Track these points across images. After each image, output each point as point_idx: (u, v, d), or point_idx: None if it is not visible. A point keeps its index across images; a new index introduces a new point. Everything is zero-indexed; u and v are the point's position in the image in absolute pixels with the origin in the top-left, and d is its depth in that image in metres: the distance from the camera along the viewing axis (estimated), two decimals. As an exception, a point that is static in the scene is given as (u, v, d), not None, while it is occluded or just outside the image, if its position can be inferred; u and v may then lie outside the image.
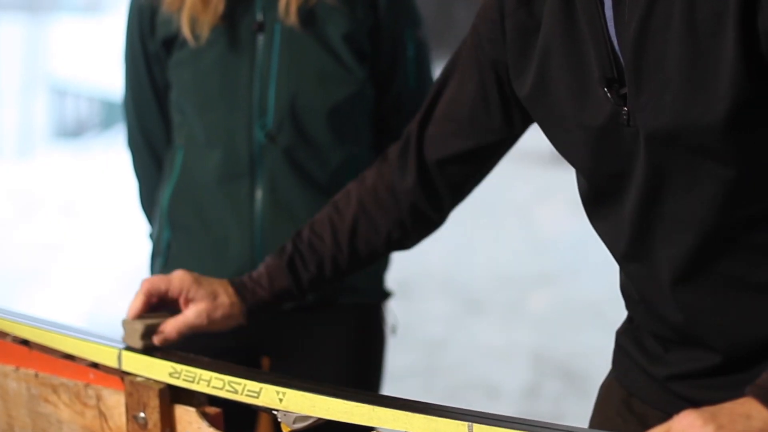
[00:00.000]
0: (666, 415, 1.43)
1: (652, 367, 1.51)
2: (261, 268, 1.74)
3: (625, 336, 1.59)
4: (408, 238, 1.75)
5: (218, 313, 1.69)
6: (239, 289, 1.72)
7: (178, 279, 1.68)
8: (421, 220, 1.72)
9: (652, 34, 1.32)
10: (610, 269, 1.61)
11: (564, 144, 1.48)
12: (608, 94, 1.38)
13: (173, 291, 1.68)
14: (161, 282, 1.68)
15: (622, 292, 1.57)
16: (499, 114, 1.60)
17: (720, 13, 1.27)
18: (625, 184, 1.42)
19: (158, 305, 1.70)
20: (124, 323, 1.66)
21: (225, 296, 1.70)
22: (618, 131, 1.39)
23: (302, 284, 1.73)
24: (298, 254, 1.73)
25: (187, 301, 1.68)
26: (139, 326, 1.63)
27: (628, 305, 1.57)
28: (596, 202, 1.49)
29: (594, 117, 1.40)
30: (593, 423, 1.61)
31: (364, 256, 1.74)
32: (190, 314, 1.67)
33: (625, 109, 1.37)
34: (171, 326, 1.66)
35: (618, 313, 1.62)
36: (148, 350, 1.62)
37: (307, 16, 2.12)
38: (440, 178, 1.68)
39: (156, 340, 1.64)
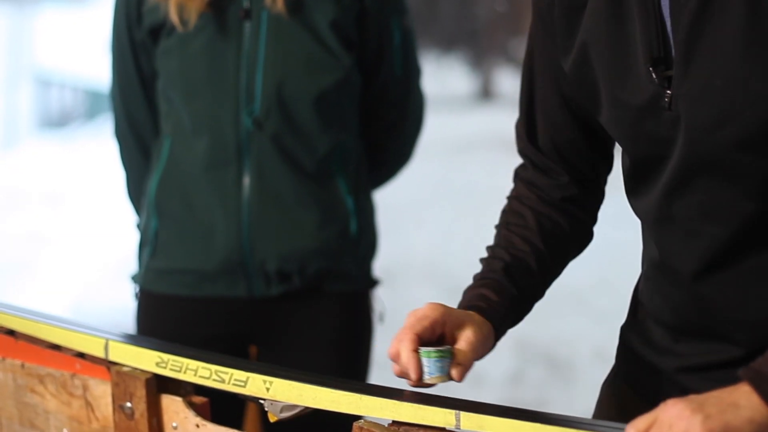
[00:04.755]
0: None
1: (661, 359, 1.47)
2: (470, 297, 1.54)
3: (629, 330, 1.55)
4: (586, 220, 1.61)
5: (485, 329, 1.47)
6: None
7: (432, 310, 1.44)
8: (583, 191, 1.60)
9: (710, 17, 1.28)
10: (593, 256, 1.58)
11: (605, 121, 1.45)
12: (653, 75, 1.34)
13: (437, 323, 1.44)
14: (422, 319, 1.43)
15: (642, 279, 1.52)
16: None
17: None
18: (663, 168, 1.38)
19: None
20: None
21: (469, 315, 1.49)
22: (658, 114, 1.35)
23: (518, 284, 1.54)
24: (499, 261, 1.56)
25: (453, 328, 1.45)
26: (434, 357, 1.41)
27: (644, 294, 1.52)
28: (635, 180, 1.45)
29: (634, 96, 1.37)
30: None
31: (559, 251, 1.58)
32: (470, 334, 1.44)
33: (669, 92, 1.33)
34: (464, 355, 1.42)
35: (601, 300, 1.60)
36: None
37: (294, 3, 2.13)
38: (569, 156, 1.58)
39: (456, 374, 1.42)
